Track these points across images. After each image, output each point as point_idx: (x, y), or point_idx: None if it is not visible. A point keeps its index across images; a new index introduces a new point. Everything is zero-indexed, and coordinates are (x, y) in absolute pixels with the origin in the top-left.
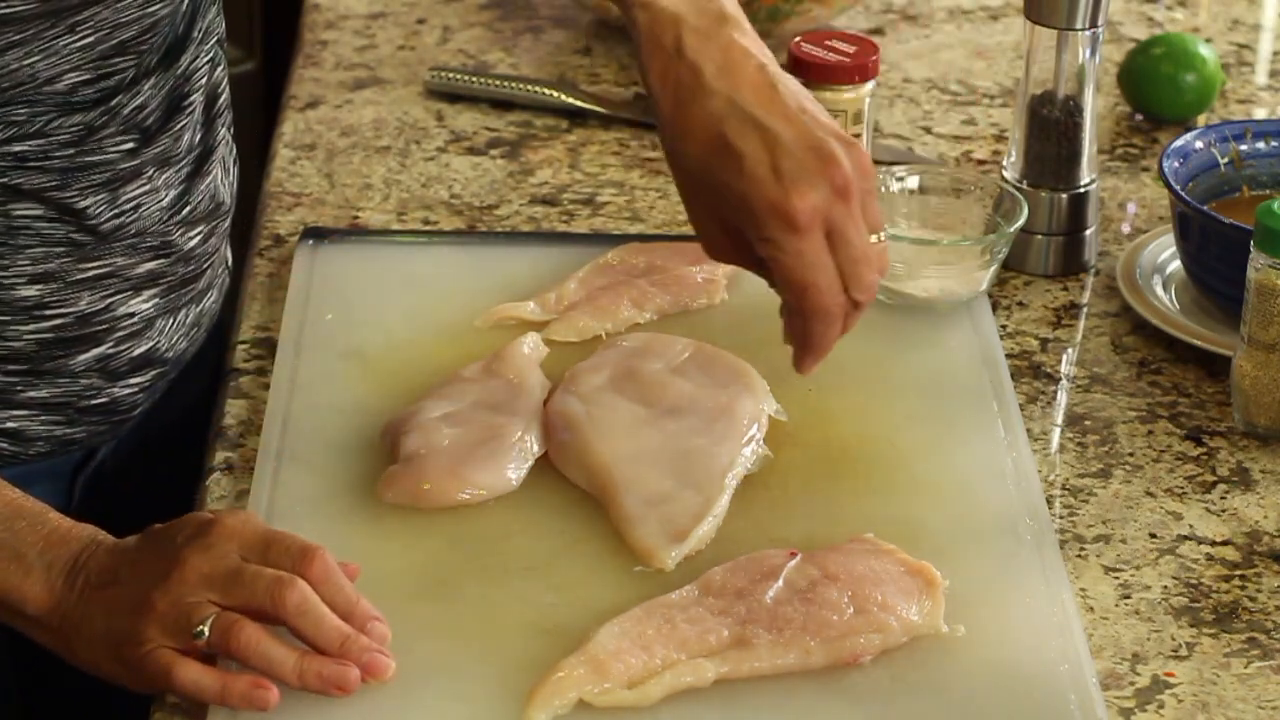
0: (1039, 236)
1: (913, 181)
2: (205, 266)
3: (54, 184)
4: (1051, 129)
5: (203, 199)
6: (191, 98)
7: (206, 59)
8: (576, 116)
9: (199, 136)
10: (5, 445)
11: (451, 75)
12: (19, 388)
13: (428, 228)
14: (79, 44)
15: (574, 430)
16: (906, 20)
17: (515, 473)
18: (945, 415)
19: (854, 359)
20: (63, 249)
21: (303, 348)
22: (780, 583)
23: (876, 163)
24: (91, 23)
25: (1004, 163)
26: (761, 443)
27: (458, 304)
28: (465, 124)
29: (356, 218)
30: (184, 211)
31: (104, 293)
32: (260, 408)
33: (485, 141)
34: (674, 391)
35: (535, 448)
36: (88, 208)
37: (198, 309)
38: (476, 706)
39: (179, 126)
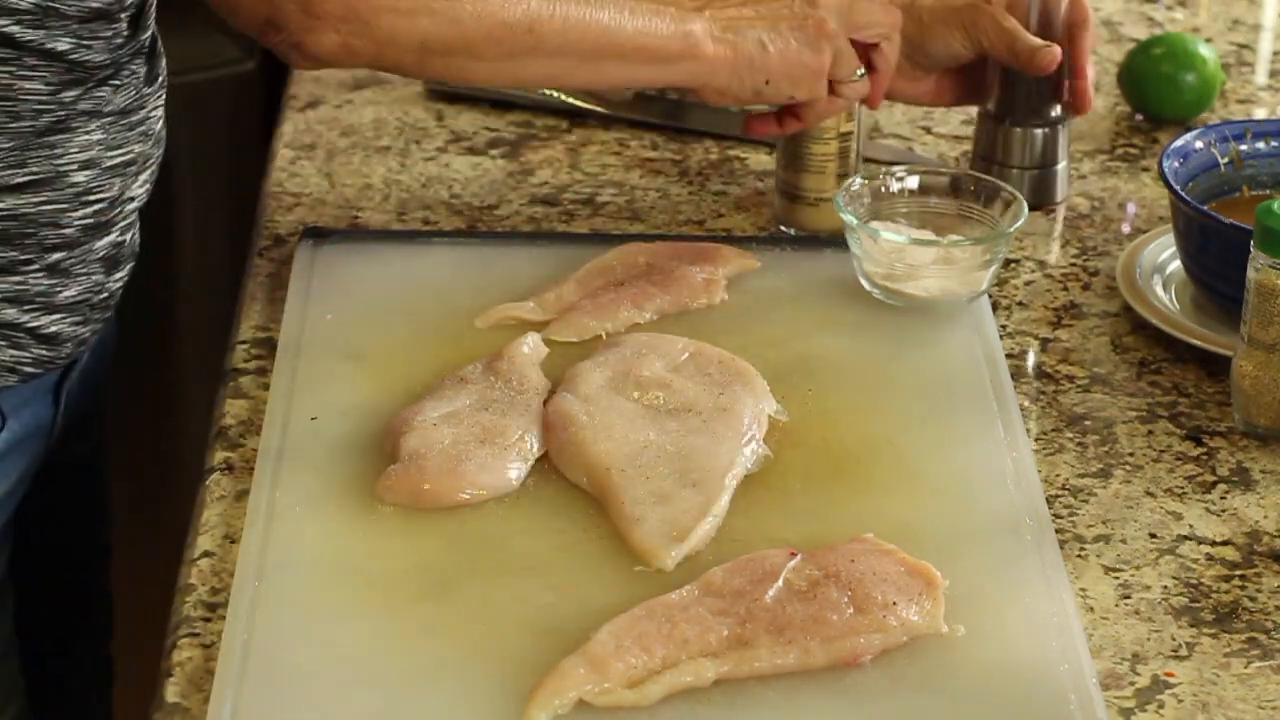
0: (1014, 170)
1: (913, 181)
2: (158, 153)
3: (106, 62)
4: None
5: (161, 75)
6: None
7: None
8: (576, 116)
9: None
10: (44, 352)
11: None
12: (58, 289)
13: (428, 228)
14: None
15: (574, 430)
16: None
17: (515, 473)
18: (945, 415)
19: (854, 359)
20: (99, 135)
21: (303, 348)
22: (780, 583)
23: (877, 162)
24: None
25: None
26: (761, 443)
27: (458, 304)
28: (465, 124)
29: (356, 218)
30: (153, 83)
31: (124, 178)
32: (260, 408)
33: (485, 141)
34: (674, 391)
35: (535, 448)
36: (112, 81)
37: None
38: (476, 706)
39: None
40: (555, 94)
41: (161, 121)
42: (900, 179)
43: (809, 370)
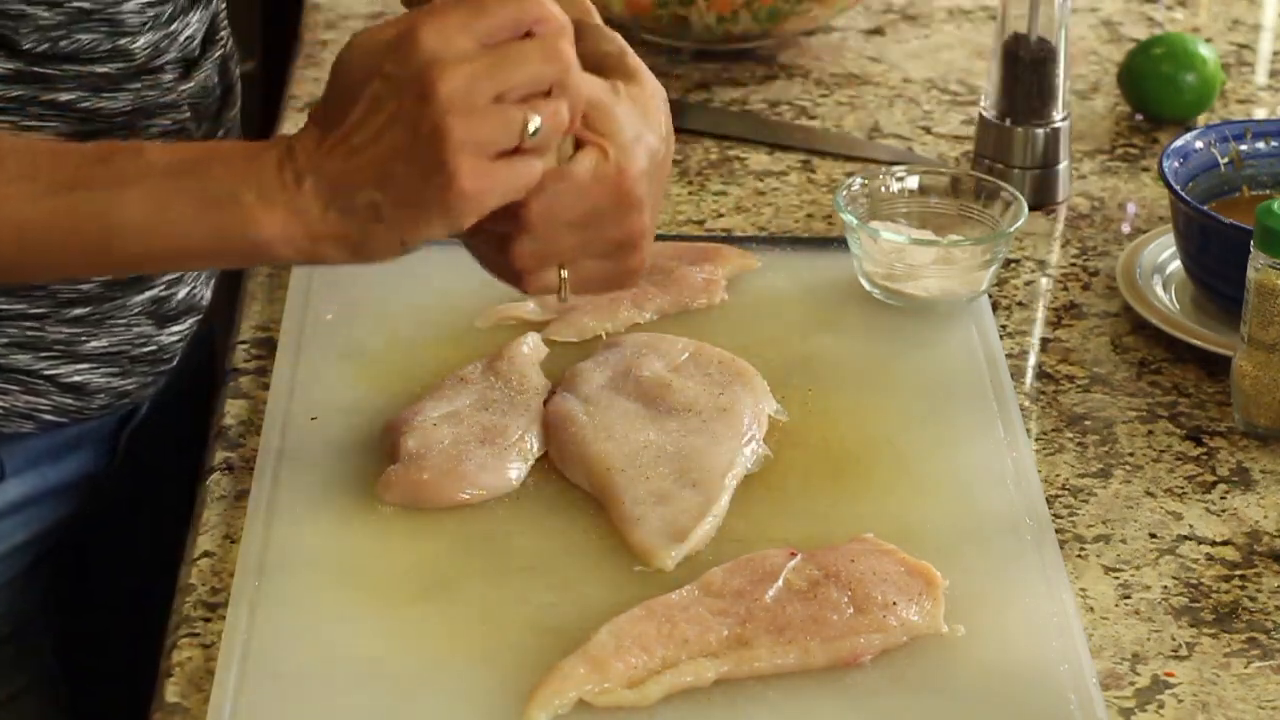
0: (1015, 170)
1: (913, 181)
2: None
3: (123, 111)
4: (1026, 69)
5: (229, 130)
6: (221, 33)
7: (224, 6)
8: None
9: (221, 73)
10: (70, 401)
11: None
12: (83, 338)
13: None
14: None
15: (574, 430)
16: (906, 20)
17: (515, 473)
18: (945, 415)
19: (854, 359)
20: None
21: (303, 348)
22: (780, 583)
23: (877, 162)
24: None
25: (981, 101)
26: (761, 443)
27: (458, 304)
28: None
29: None
30: (212, 137)
31: None
32: (260, 408)
33: None
34: (674, 391)
35: (535, 448)
36: (145, 129)
37: None
38: (476, 706)
39: (215, 56)
40: None
41: None
42: (900, 179)
43: (809, 370)
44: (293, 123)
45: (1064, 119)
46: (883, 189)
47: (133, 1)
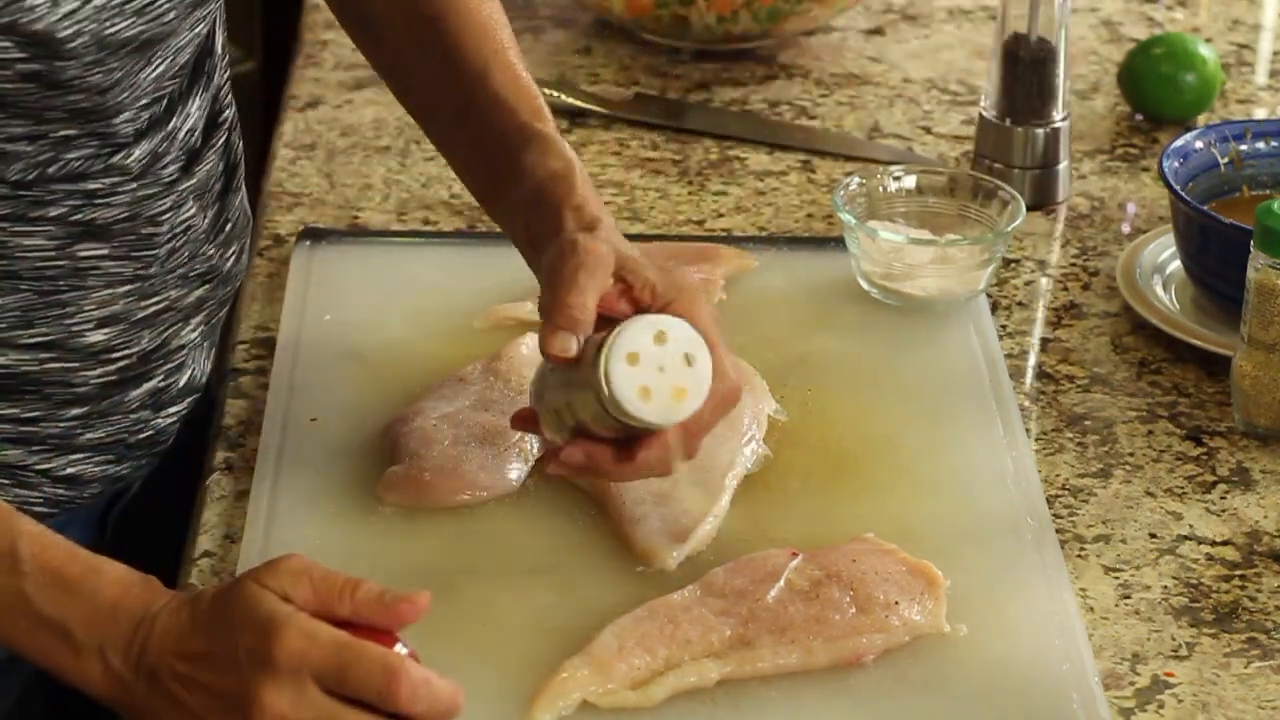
0: (1015, 170)
1: (910, 181)
2: (238, 287)
3: (120, 219)
4: (1026, 69)
5: (237, 215)
6: (225, 113)
7: (227, 75)
8: (576, 116)
9: (224, 153)
10: (61, 492)
11: None
12: (78, 431)
13: (428, 228)
14: (153, 74)
15: None
16: (906, 20)
17: (515, 473)
18: (945, 415)
19: (854, 359)
20: (126, 287)
21: (302, 348)
22: (782, 583)
23: (876, 162)
24: (162, 52)
25: (981, 101)
26: (761, 443)
27: (458, 304)
28: None
29: (356, 218)
30: (222, 231)
31: (161, 328)
32: (260, 408)
33: None
34: None
35: (535, 448)
36: (149, 237)
37: (217, 331)
38: (478, 707)
39: (218, 144)
40: (555, 94)
41: (235, 260)
42: (898, 178)
43: (809, 370)
44: (292, 124)
45: (1064, 119)
46: (881, 188)
47: (126, 113)
